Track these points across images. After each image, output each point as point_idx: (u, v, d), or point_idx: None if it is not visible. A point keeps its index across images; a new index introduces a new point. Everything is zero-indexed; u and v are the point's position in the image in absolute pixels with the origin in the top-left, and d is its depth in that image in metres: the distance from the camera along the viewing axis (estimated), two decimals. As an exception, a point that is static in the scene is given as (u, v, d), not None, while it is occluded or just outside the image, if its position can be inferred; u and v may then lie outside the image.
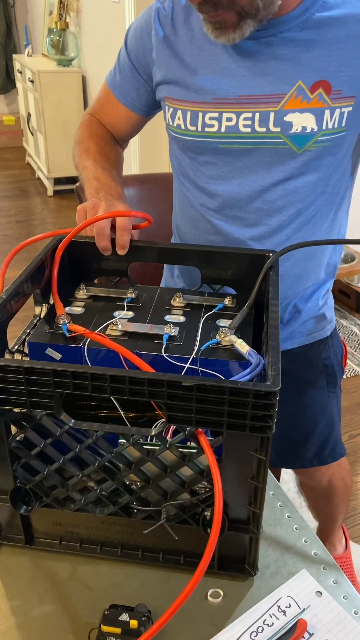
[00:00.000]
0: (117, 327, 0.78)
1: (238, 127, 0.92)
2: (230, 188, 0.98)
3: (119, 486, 0.70)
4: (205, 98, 0.93)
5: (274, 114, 0.90)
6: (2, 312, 0.72)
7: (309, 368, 1.17)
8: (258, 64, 0.90)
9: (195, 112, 0.94)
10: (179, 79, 0.96)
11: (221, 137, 0.94)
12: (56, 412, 0.65)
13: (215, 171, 0.98)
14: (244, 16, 0.83)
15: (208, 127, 0.94)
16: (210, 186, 1.00)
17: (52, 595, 0.72)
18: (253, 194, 0.97)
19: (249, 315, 0.82)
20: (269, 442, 0.63)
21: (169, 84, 0.98)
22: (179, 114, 0.97)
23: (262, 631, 0.67)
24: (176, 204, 1.12)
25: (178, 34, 0.96)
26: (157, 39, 0.97)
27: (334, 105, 0.90)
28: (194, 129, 0.95)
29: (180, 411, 0.62)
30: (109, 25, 3.35)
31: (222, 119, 0.92)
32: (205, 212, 1.03)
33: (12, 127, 5.55)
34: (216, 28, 0.85)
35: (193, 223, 1.06)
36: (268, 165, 0.95)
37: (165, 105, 1.00)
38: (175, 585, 0.73)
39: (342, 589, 0.73)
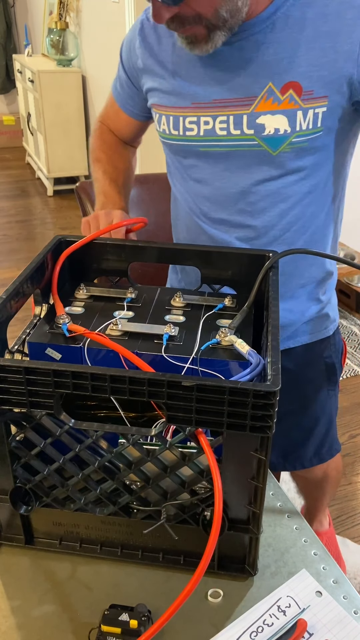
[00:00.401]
0: (117, 327, 0.78)
1: (215, 130, 0.94)
2: (213, 190, 1.00)
3: (119, 486, 0.70)
4: (184, 103, 0.96)
5: (246, 116, 0.92)
6: (2, 312, 0.72)
7: (311, 366, 1.17)
8: (230, 68, 0.92)
9: (176, 116, 0.97)
10: (162, 86, 0.99)
11: (201, 141, 0.96)
12: (56, 412, 0.65)
13: (199, 174, 1.01)
14: (212, 29, 0.85)
15: (188, 131, 0.97)
16: (197, 189, 1.03)
17: (52, 595, 0.72)
18: (235, 195, 0.99)
19: (248, 315, 0.82)
20: (269, 442, 0.63)
21: (155, 91, 1.02)
22: (164, 119, 1.00)
23: (262, 631, 0.67)
24: (172, 207, 1.16)
25: (161, 43, 0.99)
26: (142, 49, 1.01)
27: (307, 106, 0.90)
28: (177, 133, 0.98)
29: (180, 411, 0.62)
30: (109, 25, 3.35)
31: (200, 122, 0.95)
32: (194, 214, 1.05)
33: (12, 127, 5.55)
34: (189, 42, 0.88)
35: (185, 224, 1.09)
36: (247, 167, 0.96)
37: (153, 111, 1.04)
38: (175, 585, 0.73)
39: (342, 589, 0.73)
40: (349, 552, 1.70)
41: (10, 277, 3.14)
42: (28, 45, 4.91)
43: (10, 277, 3.16)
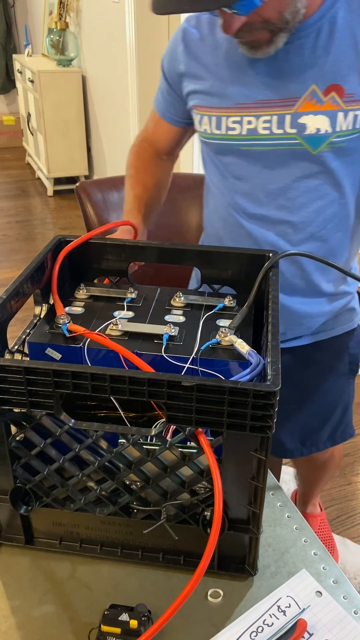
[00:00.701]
0: (117, 327, 0.78)
1: (257, 129, 0.99)
2: (253, 187, 1.05)
3: (119, 486, 0.70)
4: (228, 103, 1.00)
5: (289, 116, 0.96)
6: (2, 312, 0.72)
7: (336, 357, 1.23)
8: (276, 70, 0.96)
9: (219, 117, 1.02)
10: (204, 88, 1.03)
11: (243, 140, 1.01)
12: (56, 412, 0.65)
13: (239, 171, 1.05)
14: (276, 32, 0.90)
15: (231, 131, 1.01)
16: (236, 185, 1.07)
17: (52, 595, 0.72)
18: (275, 191, 1.03)
19: (248, 315, 0.82)
20: (269, 442, 0.63)
21: (197, 94, 1.06)
22: (205, 120, 1.04)
23: (262, 631, 0.68)
24: (208, 204, 1.19)
25: (204, 48, 1.04)
26: (185, 54, 1.06)
27: (347, 108, 0.94)
28: (219, 132, 1.03)
29: (180, 411, 0.62)
30: (109, 25, 3.35)
31: (243, 122, 0.99)
32: (232, 209, 1.09)
33: (12, 127, 5.55)
34: (251, 47, 0.93)
35: (222, 218, 1.13)
36: (287, 165, 1.00)
37: (194, 112, 1.08)
38: (175, 585, 0.73)
39: (342, 589, 0.73)
40: (349, 552, 1.70)
41: (10, 277, 3.14)
42: (28, 45, 4.91)
43: (10, 277, 3.16)
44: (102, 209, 1.47)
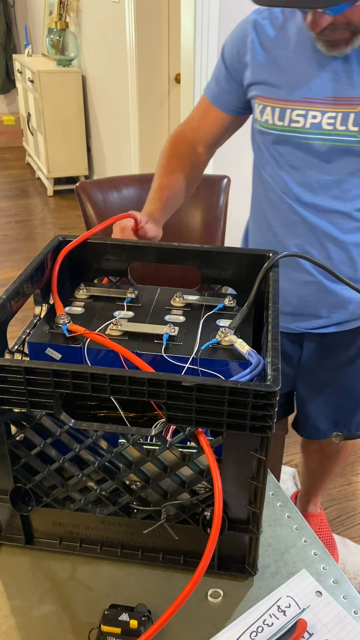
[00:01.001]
0: (117, 327, 0.78)
1: (321, 124, 1.03)
2: (309, 177, 1.08)
3: (119, 486, 0.70)
4: (295, 97, 1.04)
5: (354, 115, 1.01)
6: (2, 312, 0.72)
7: None
8: (346, 70, 1.00)
9: (283, 109, 1.05)
10: (271, 80, 1.07)
11: (305, 133, 1.05)
12: (56, 412, 0.65)
13: (296, 162, 1.08)
14: (356, 33, 0.94)
15: (294, 123, 1.05)
16: (292, 174, 1.10)
17: (52, 595, 0.72)
18: (330, 182, 1.07)
19: (249, 315, 0.82)
20: (268, 442, 0.63)
21: (261, 84, 1.09)
22: (268, 110, 1.08)
23: (262, 631, 0.67)
24: (258, 191, 1.21)
25: (275, 40, 1.07)
26: (254, 44, 1.09)
27: None
28: (281, 124, 1.06)
29: (180, 411, 0.62)
30: (109, 25, 3.35)
31: (308, 116, 1.04)
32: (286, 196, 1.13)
33: (12, 127, 5.56)
34: (330, 45, 0.97)
35: (274, 204, 1.15)
36: (344, 159, 1.04)
37: (255, 102, 1.12)
38: (175, 585, 0.73)
39: (342, 589, 0.73)
40: (349, 552, 1.70)
41: (10, 277, 3.14)
42: (28, 45, 4.92)
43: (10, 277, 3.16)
44: (102, 209, 1.48)
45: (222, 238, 1.62)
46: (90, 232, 0.92)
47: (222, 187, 1.58)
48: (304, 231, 1.11)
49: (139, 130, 3.25)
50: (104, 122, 3.92)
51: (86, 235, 0.91)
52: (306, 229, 1.11)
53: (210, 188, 1.57)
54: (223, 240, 1.62)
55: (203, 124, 1.24)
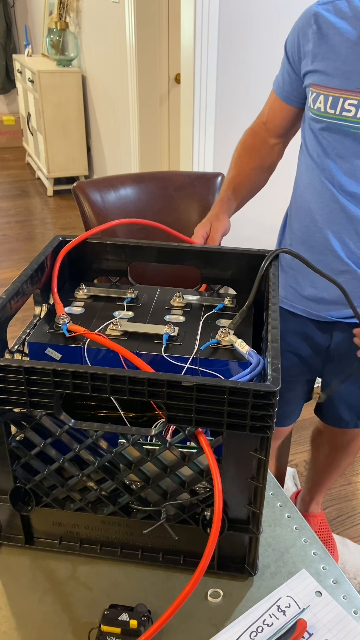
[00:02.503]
0: (117, 327, 0.78)
1: None
2: (353, 167, 1.11)
3: (119, 486, 0.70)
4: (349, 86, 1.06)
5: None
6: (2, 312, 0.72)
7: None
8: None
9: (336, 97, 1.08)
10: (328, 69, 1.09)
11: (355, 122, 1.06)
12: (56, 412, 0.65)
13: (343, 151, 1.11)
14: None
15: (345, 112, 1.07)
16: (338, 162, 1.12)
17: (52, 595, 0.72)
18: None
19: (248, 315, 0.82)
20: (268, 441, 0.63)
21: (317, 72, 1.11)
22: (321, 98, 1.10)
23: (262, 631, 0.67)
24: (302, 177, 1.23)
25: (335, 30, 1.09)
26: (316, 34, 1.12)
27: None
28: (333, 112, 1.08)
29: (180, 411, 0.62)
30: (109, 25, 3.35)
31: (359, 106, 1.05)
32: (330, 183, 1.15)
33: (12, 127, 5.55)
34: None
35: (317, 191, 1.18)
36: None
37: (310, 90, 1.14)
38: (175, 585, 0.73)
39: (342, 589, 0.73)
40: (349, 552, 1.70)
41: (10, 277, 3.14)
42: (28, 45, 4.92)
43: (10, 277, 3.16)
44: (101, 208, 1.47)
45: (221, 237, 1.62)
46: (90, 232, 0.92)
47: (217, 184, 1.58)
48: (343, 220, 1.13)
49: (139, 130, 3.25)
50: (104, 122, 3.92)
51: (86, 234, 0.91)
52: (345, 218, 1.13)
53: (206, 185, 1.57)
54: (222, 240, 1.62)
55: (271, 117, 1.29)
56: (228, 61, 2.14)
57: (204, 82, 2.19)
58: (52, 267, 0.88)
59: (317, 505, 1.70)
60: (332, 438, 1.52)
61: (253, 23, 2.09)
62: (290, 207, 1.31)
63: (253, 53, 2.14)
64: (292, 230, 1.26)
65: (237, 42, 2.11)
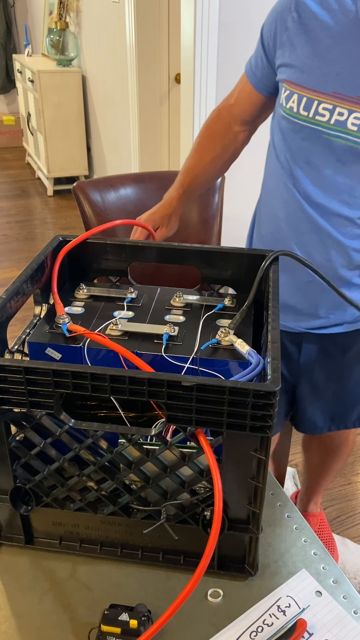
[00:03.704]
0: (117, 327, 0.78)
1: (347, 123, 0.97)
2: (321, 176, 1.04)
3: (118, 486, 0.70)
4: (325, 89, 0.97)
5: None
6: (2, 312, 0.72)
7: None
8: None
9: (311, 99, 0.99)
10: (304, 65, 0.99)
11: (328, 129, 0.99)
12: (56, 412, 0.65)
13: (313, 158, 1.04)
14: None
15: (319, 116, 0.99)
16: (306, 170, 1.06)
17: (52, 595, 0.72)
18: (341, 186, 1.03)
19: (248, 315, 0.82)
20: (268, 441, 0.63)
21: (293, 68, 1.01)
22: (295, 98, 1.01)
23: (262, 631, 0.68)
24: (269, 182, 1.17)
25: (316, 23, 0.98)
26: (296, 24, 1.00)
27: None
28: (306, 114, 1.00)
29: (180, 411, 0.62)
30: (109, 25, 3.35)
31: (334, 112, 0.97)
32: (297, 191, 1.09)
33: (12, 127, 5.55)
34: None
35: (284, 198, 1.12)
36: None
37: (283, 86, 1.04)
38: (175, 585, 0.73)
39: (342, 589, 0.73)
40: (349, 552, 1.70)
41: (10, 277, 3.14)
42: (28, 45, 4.91)
43: (10, 277, 3.16)
44: (101, 208, 1.47)
45: (219, 236, 1.62)
46: (90, 233, 0.92)
47: (216, 185, 1.58)
48: (308, 230, 1.08)
49: (139, 130, 3.25)
50: (104, 122, 3.92)
51: (86, 235, 0.91)
52: (310, 229, 1.08)
53: (206, 186, 1.57)
54: (219, 238, 1.62)
55: (239, 101, 1.19)
56: (228, 61, 2.14)
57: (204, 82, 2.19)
58: (52, 267, 0.88)
59: (316, 505, 1.70)
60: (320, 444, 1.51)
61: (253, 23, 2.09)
62: (258, 209, 1.25)
63: (253, 53, 2.14)
64: (261, 234, 1.22)
65: (237, 42, 2.11)
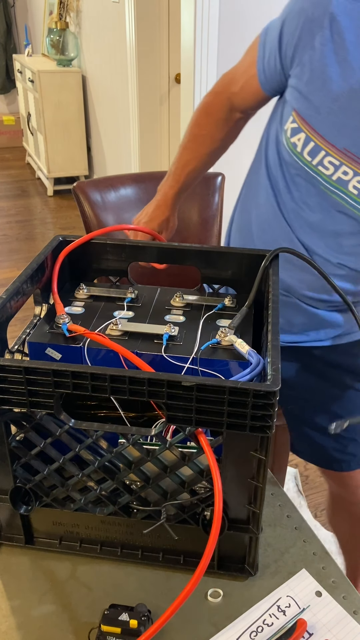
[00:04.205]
0: (117, 327, 0.78)
1: (348, 184, 0.89)
2: (315, 219, 0.97)
3: (119, 486, 0.70)
4: (336, 142, 0.87)
5: None
6: (2, 312, 0.72)
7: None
8: None
9: (319, 147, 0.88)
10: (321, 105, 0.86)
11: (328, 182, 0.91)
12: (56, 412, 0.65)
13: (309, 200, 0.96)
14: None
15: (322, 167, 0.90)
16: (301, 209, 0.98)
17: (52, 595, 0.72)
18: (331, 232, 0.97)
19: (248, 315, 0.82)
20: (268, 441, 0.63)
21: (307, 101, 0.88)
22: (302, 137, 0.90)
23: (262, 631, 0.68)
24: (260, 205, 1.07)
25: (347, 60, 0.82)
26: (324, 47, 0.83)
27: None
28: (309, 160, 0.91)
29: (180, 411, 0.62)
30: (109, 25, 3.35)
31: (339, 168, 0.89)
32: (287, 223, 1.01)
33: (12, 127, 5.55)
34: None
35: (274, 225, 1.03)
36: (354, 222, 0.93)
37: (291, 115, 0.91)
38: (175, 585, 0.73)
39: (341, 589, 0.73)
40: (349, 552, 1.69)
41: (10, 277, 3.14)
42: (28, 45, 4.92)
43: (10, 277, 3.16)
44: (101, 208, 1.47)
45: (219, 236, 1.62)
46: (92, 235, 0.92)
47: (216, 184, 1.58)
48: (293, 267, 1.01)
49: (139, 130, 3.25)
50: (104, 122, 3.92)
51: (87, 237, 0.91)
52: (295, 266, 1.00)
53: (206, 185, 1.57)
54: (219, 238, 1.62)
55: (242, 92, 1.04)
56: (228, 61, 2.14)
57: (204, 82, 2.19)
58: (52, 267, 0.88)
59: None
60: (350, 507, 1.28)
61: (253, 23, 2.09)
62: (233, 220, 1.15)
63: (253, 53, 2.14)
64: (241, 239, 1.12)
65: (237, 42, 2.11)
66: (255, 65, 0.99)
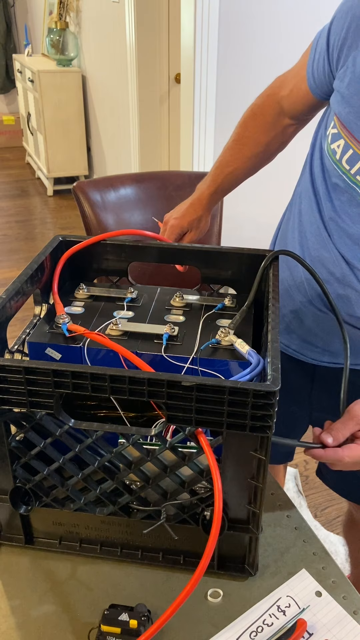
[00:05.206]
0: (117, 327, 0.78)
1: None
2: (351, 230, 0.91)
3: (119, 486, 0.70)
4: None
5: None
6: (2, 312, 0.72)
7: None
8: None
9: (357, 155, 0.83)
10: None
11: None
12: (56, 412, 0.65)
13: (345, 208, 0.91)
14: None
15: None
16: (335, 215, 0.93)
17: (52, 595, 0.72)
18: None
19: (248, 315, 0.82)
20: (268, 442, 0.63)
21: (349, 106, 0.83)
22: (341, 144, 0.86)
23: (261, 631, 0.68)
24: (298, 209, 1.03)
25: None
26: None
27: None
28: (348, 168, 0.86)
29: (180, 411, 0.62)
30: (109, 25, 3.35)
31: None
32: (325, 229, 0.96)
33: (12, 126, 5.55)
34: None
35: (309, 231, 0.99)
36: None
37: (333, 121, 0.88)
38: (175, 585, 0.73)
39: (341, 589, 0.73)
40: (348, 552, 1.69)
41: (10, 277, 3.14)
42: (28, 45, 4.91)
43: (10, 277, 3.16)
44: (101, 208, 1.48)
45: (219, 236, 1.62)
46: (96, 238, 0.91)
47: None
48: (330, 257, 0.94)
49: (139, 130, 3.25)
50: (104, 122, 3.92)
51: (92, 240, 0.91)
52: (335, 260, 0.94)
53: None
54: (219, 238, 1.62)
55: (292, 96, 1.00)
56: (228, 61, 2.14)
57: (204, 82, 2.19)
58: (52, 267, 0.88)
59: None
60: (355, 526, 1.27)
61: (253, 23, 2.09)
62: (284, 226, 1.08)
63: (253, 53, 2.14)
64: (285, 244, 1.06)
65: (237, 42, 2.11)
66: (306, 67, 0.95)
